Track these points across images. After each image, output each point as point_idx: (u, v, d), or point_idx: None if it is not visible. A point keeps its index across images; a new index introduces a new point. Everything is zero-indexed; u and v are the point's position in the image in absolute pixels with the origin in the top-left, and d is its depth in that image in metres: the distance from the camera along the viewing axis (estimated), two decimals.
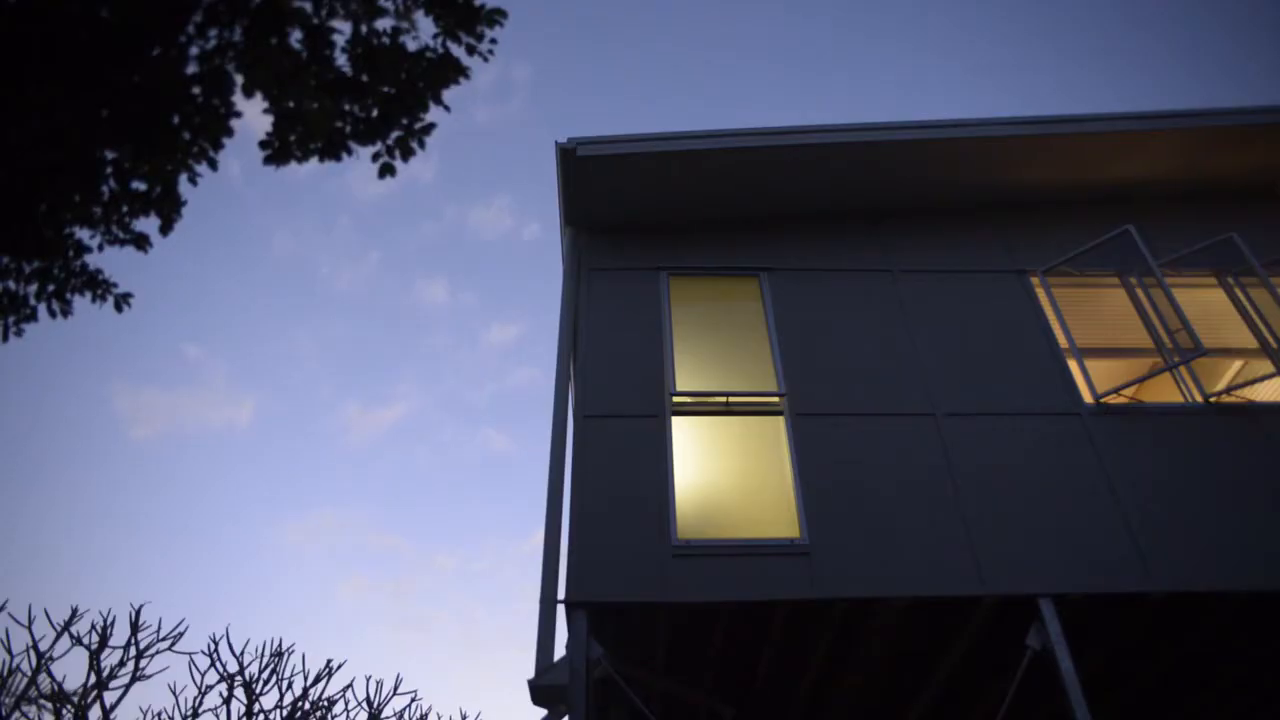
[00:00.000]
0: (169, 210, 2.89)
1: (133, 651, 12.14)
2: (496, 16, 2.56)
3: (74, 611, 11.95)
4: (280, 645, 13.44)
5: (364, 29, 2.56)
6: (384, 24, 2.58)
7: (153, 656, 12.30)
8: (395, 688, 14.04)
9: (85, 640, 11.94)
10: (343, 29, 2.58)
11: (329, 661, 14.12)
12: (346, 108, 2.63)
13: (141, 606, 12.31)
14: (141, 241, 3.02)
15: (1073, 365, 6.73)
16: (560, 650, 5.35)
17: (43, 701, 11.62)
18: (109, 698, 11.84)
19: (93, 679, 11.80)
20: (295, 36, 2.56)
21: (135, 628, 12.19)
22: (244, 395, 32.63)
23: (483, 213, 38.91)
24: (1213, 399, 6.55)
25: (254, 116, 2.79)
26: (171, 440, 29.54)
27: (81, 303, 3.22)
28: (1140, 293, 7.17)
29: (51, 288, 3.13)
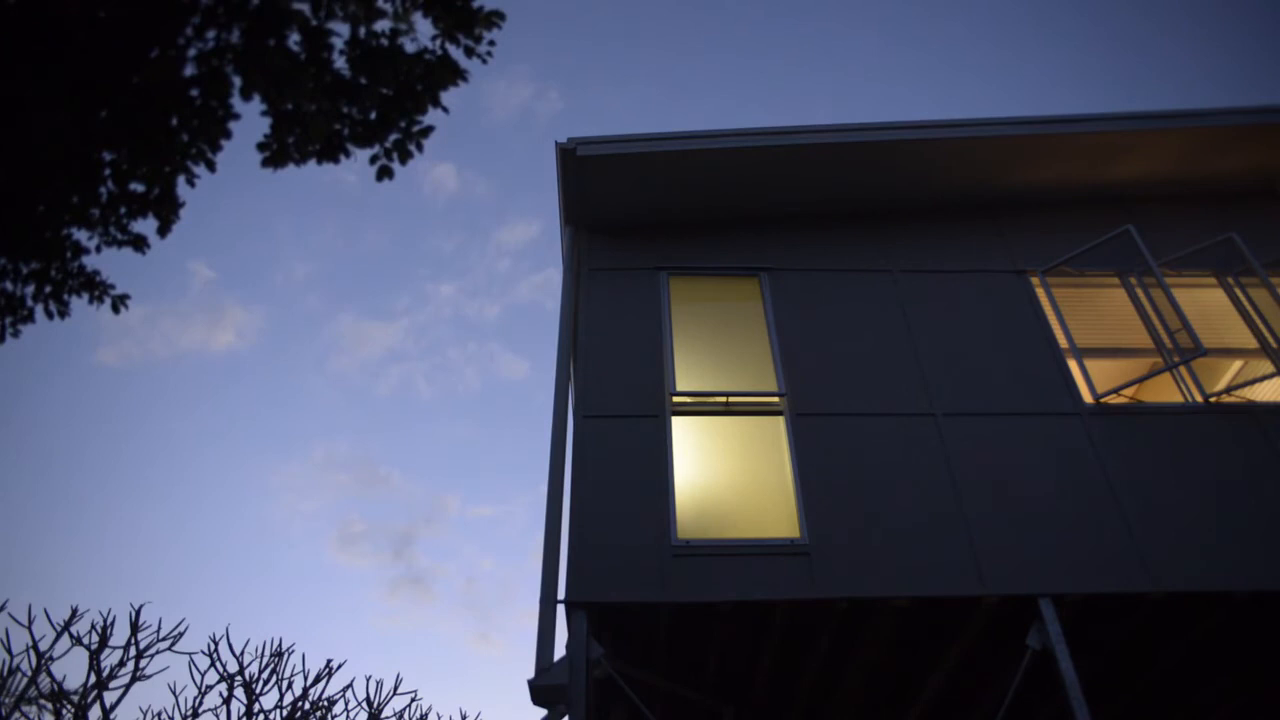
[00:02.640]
0: (167, 212, 2.88)
1: (133, 651, 12.15)
2: (495, 19, 2.55)
3: (74, 611, 11.96)
4: (280, 645, 13.46)
5: (362, 31, 2.55)
6: (382, 26, 2.57)
7: (153, 656, 12.31)
8: (395, 688, 14.06)
9: (85, 640, 11.94)
10: (341, 31, 2.58)
11: (329, 661, 14.14)
12: (344, 110, 2.62)
13: (141, 606, 12.32)
14: (139, 243, 3.02)
15: (1073, 365, 6.73)
16: (560, 650, 5.34)
17: (43, 701, 11.62)
18: (109, 698, 11.85)
19: (93, 679, 11.81)
20: (293, 38, 2.56)
21: (135, 628, 12.20)
22: (222, 308, 28.83)
23: (496, 84, 33.60)
24: (1213, 399, 6.54)
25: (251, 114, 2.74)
26: (143, 367, 26.86)
27: (78, 303, 3.22)
28: (1140, 293, 7.16)
29: (49, 289, 3.13)
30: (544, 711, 5.38)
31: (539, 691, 5.24)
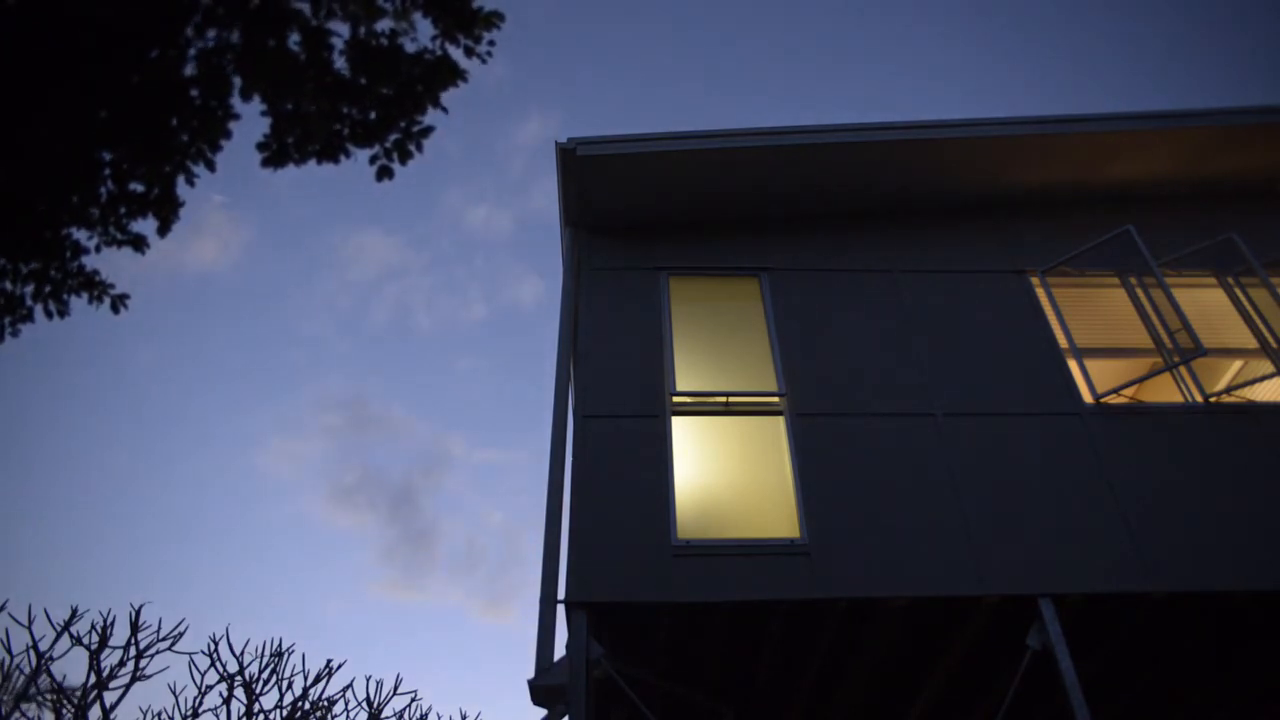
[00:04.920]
0: (167, 212, 2.88)
1: (133, 651, 12.15)
2: (494, 19, 2.55)
3: (74, 611, 11.95)
4: (280, 645, 13.46)
5: (362, 31, 2.55)
6: (382, 26, 2.57)
7: (153, 656, 12.31)
8: (395, 688, 14.06)
9: (85, 640, 11.94)
10: (341, 31, 2.58)
11: (329, 661, 14.14)
12: (344, 110, 2.62)
13: (141, 606, 12.31)
14: (139, 242, 3.02)
15: (1073, 365, 6.72)
16: (560, 650, 5.34)
17: (43, 701, 11.62)
18: (109, 698, 11.84)
19: (93, 679, 11.80)
20: (294, 39, 2.56)
21: (135, 628, 12.19)
22: (195, 221, 25.48)
23: None
24: (1213, 399, 6.54)
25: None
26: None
27: (77, 302, 3.21)
28: (1140, 293, 7.16)
29: (48, 288, 3.12)
30: (544, 711, 5.38)
31: (539, 691, 5.24)
